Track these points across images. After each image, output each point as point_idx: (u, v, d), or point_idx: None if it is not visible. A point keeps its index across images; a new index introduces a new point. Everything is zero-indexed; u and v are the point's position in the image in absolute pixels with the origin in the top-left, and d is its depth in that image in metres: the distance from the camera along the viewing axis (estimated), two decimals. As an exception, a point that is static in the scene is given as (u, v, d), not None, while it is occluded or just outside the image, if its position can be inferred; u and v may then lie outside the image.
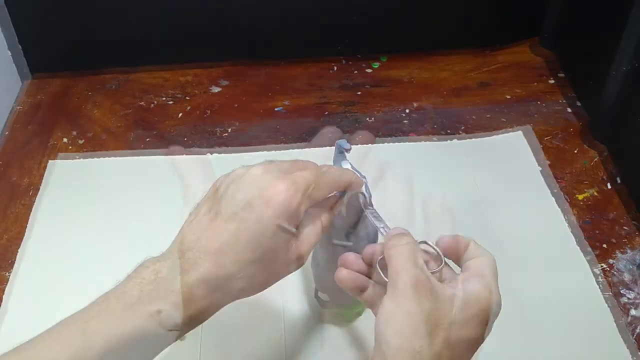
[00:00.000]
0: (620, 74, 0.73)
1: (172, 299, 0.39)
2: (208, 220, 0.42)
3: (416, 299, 0.38)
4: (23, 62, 0.90)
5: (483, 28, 0.94)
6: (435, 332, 0.38)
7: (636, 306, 0.62)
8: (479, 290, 0.41)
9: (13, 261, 0.67)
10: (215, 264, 0.40)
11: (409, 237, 0.42)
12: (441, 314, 0.39)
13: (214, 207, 0.42)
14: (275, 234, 0.41)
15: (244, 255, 0.41)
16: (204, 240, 0.41)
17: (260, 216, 0.40)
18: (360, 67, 0.93)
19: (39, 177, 0.77)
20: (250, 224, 0.40)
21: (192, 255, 0.41)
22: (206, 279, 0.40)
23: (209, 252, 0.40)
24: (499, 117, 0.85)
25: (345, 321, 0.61)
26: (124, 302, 0.40)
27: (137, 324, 0.39)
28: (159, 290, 0.40)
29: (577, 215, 0.72)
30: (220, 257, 0.40)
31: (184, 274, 0.40)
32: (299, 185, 0.42)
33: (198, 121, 0.85)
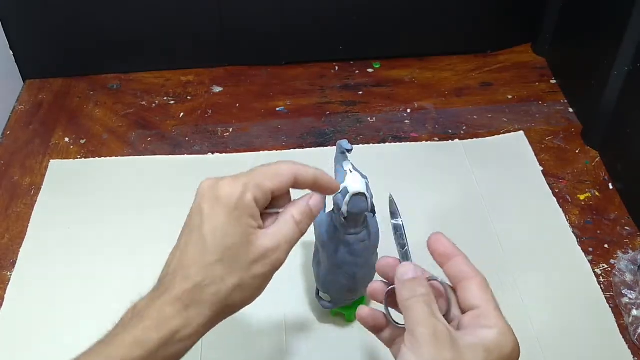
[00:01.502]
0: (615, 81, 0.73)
1: (144, 324, 0.40)
2: (176, 247, 0.43)
3: (438, 352, 0.38)
4: (25, 62, 0.90)
5: (483, 31, 0.94)
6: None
7: (637, 306, 0.61)
8: (497, 335, 0.40)
9: (15, 261, 0.68)
10: (183, 279, 0.41)
11: (424, 283, 0.41)
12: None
13: (182, 232, 0.44)
14: (229, 228, 0.41)
15: (204, 259, 0.41)
16: (173, 264, 0.42)
17: (209, 217, 0.41)
18: (362, 67, 0.93)
19: (40, 177, 0.77)
20: (202, 228, 0.41)
21: (166, 280, 0.42)
22: (177, 296, 0.40)
23: (177, 270, 0.41)
24: (501, 117, 0.85)
25: (346, 321, 0.61)
26: (106, 342, 0.41)
27: (119, 355, 0.40)
28: (135, 320, 0.41)
29: (578, 215, 0.72)
30: (186, 271, 0.41)
31: (157, 300, 0.41)
32: (241, 177, 0.42)
33: (199, 121, 0.85)
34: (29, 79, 0.92)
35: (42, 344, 0.60)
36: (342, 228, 0.52)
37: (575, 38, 0.86)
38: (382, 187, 0.55)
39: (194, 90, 0.90)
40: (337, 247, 0.53)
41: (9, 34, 0.87)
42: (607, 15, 0.76)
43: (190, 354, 0.59)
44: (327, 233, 0.54)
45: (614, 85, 0.74)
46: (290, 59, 0.94)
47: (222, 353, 0.60)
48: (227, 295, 0.41)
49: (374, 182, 0.52)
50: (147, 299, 0.42)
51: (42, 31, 0.87)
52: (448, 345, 0.38)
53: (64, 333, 0.61)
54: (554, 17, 0.89)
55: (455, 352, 0.38)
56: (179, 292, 0.40)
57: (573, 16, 0.85)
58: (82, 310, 0.63)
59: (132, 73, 0.92)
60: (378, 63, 0.94)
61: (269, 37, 0.91)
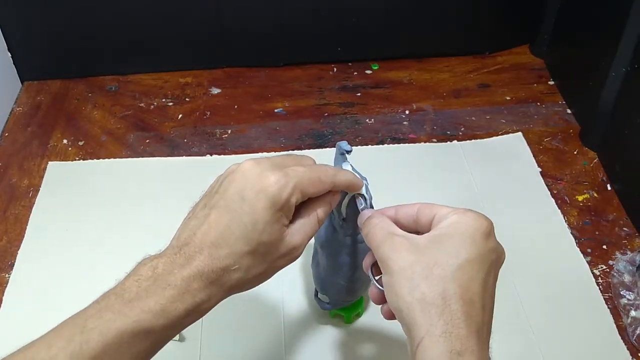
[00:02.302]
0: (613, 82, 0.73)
1: (169, 292, 0.40)
2: (203, 216, 0.43)
3: (400, 259, 0.41)
4: (23, 64, 0.90)
5: (481, 33, 0.94)
6: (430, 275, 0.39)
7: (636, 307, 0.61)
8: (451, 221, 0.42)
9: (13, 263, 0.67)
10: (210, 256, 0.41)
11: (377, 215, 0.45)
12: (427, 257, 0.40)
13: (208, 203, 0.43)
14: (269, 226, 0.41)
15: (238, 247, 0.41)
16: (199, 235, 0.42)
17: (253, 208, 0.41)
18: (360, 69, 0.93)
19: (38, 179, 0.77)
20: (243, 216, 0.41)
21: (188, 250, 0.41)
22: (202, 271, 0.40)
23: (204, 246, 0.41)
24: (499, 119, 0.85)
25: (345, 322, 0.61)
26: (122, 298, 0.40)
27: (135, 319, 0.39)
28: (156, 285, 0.40)
29: (576, 216, 0.72)
30: (215, 250, 0.41)
31: (180, 268, 0.40)
32: (290, 178, 0.42)
33: (198, 123, 0.85)
34: (27, 81, 0.92)
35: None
36: (341, 229, 0.52)
37: (573, 39, 0.86)
38: (381, 188, 0.55)
39: (192, 92, 0.90)
40: (336, 248, 0.53)
41: (7, 36, 0.86)
42: (604, 17, 0.76)
43: (189, 354, 0.59)
44: (326, 234, 0.54)
45: (611, 87, 0.74)
46: (289, 60, 0.94)
47: (221, 354, 0.60)
48: (247, 282, 0.42)
49: (372, 184, 0.52)
50: (167, 264, 0.41)
51: (40, 33, 0.87)
52: (408, 249, 0.41)
53: (62, 335, 0.61)
54: (551, 19, 0.89)
55: (416, 253, 0.41)
56: (206, 269, 0.41)
57: (571, 17, 0.85)
58: (80, 312, 0.63)
59: (130, 75, 0.92)
60: (376, 64, 0.94)
61: (267, 38, 0.91)
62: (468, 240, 0.41)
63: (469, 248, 0.41)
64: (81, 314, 0.40)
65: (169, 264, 0.41)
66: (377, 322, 0.61)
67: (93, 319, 0.39)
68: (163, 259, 0.42)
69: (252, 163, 0.43)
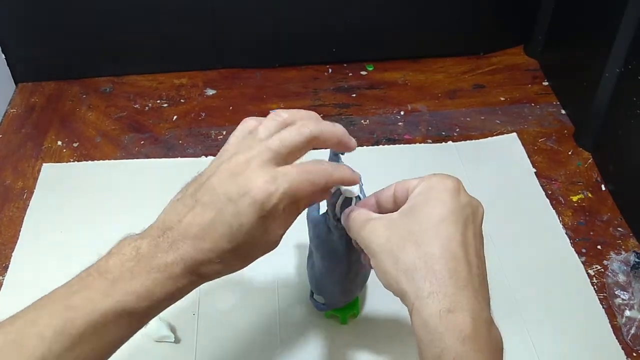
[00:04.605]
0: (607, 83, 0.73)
1: (153, 276, 0.40)
2: (190, 205, 0.42)
3: (378, 237, 0.42)
4: (17, 65, 0.90)
5: (476, 34, 0.94)
6: (407, 244, 0.40)
7: (630, 307, 0.62)
8: (420, 190, 0.43)
9: (7, 265, 0.67)
10: (194, 248, 0.41)
11: (354, 208, 0.46)
12: (402, 229, 0.41)
13: (196, 193, 0.43)
14: (254, 229, 0.41)
15: (221, 244, 0.41)
16: (184, 223, 0.41)
17: (238, 210, 0.40)
18: (355, 70, 0.93)
19: (32, 181, 0.77)
20: (228, 216, 0.40)
21: (171, 234, 0.41)
22: (185, 259, 0.41)
23: (188, 236, 0.41)
24: (493, 119, 0.85)
25: (341, 323, 0.61)
26: (106, 278, 0.40)
27: (119, 300, 0.39)
28: (140, 267, 0.40)
29: (571, 216, 0.72)
30: (199, 243, 0.41)
31: (164, 254, 0.41)
32: (279, 184, 0.40)
33: (193, 124, 0.85)
34: (21, 83, 0.91)
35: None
36: (336, 230, 0.52)
37: (567, 40, 0.86)
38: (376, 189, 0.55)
39: (187, 93, 0.90)
40: (331, 249, 0.53)
41: (1, 38, 0.86)
42: (598, 17, 0.76)
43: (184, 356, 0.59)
44: (321, 235, 0.54)
45: (605, 87, 0.74)
46: (284, 61, 0.94)
47: (216, 355, 0.60)
48: (225, 272, 0.43)
49: (367, 185, 0.52)
50: (151, 246, 0.41)
51: (34, 34, 0.87)
52: (386, 225, 0.42)
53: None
54: (546, 19, 0.90)
55: (391, 229, 0.42)
56: (188, 259, 0.41)
57: (565, 18, 0.86)
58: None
59: (124, 76, 0.92)
60: (371, 65, 0.94)
61: (262, 39, 0.91)
62: (437, 202, 0.41)
63: (439, 209, 0.41)
64: (63, 291, 0.41)
65: (153, 246, 0.41)
66: (372, 322, 0.61)
67: (77, 297, 0.40)
68: (146, 240, 0.42)
69: (245, 157, 0.42)
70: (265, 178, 0.40)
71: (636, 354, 0.59)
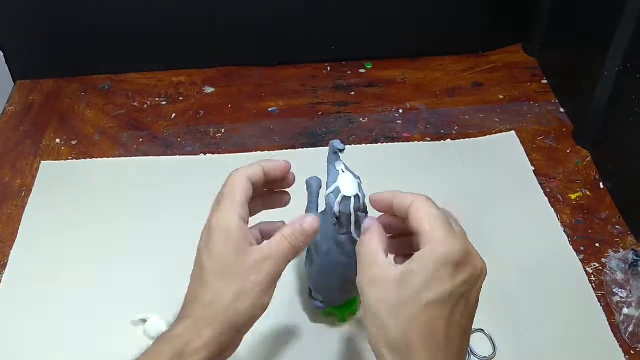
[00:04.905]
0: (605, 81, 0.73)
1: (160, 342, 0.45)
2: (191, 281, 0.47)
3: (373, 294, 0.42)
4: (15, 63, 0.89)
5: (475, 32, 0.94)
6: (395, 315, 0.41)
7: (628, 305, 0.62)
8: (423, 254, 0.41)
9: (5, 263, 0.67)
10: (191, 303, 0.46)
11: (370, 230, 0.46)
12: (395, 297, 0.41)
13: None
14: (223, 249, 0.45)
15: (205, 280, 0.45)
16: (187, 296, 0.47)
17: (206, 246, 0.46)
18: (354, 68, 0.93)
19: (31, 178, 0.76)
20: (204, 257, 0.46)
21: (180, 313, 0.46)
22: (187, 315, 0.45)
23: (187, 300, 0.46)
24: (492, 117, 0.85)
25: (339, 321, 0.61)
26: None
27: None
28: (152, 344, 0.45)
29: (569, 214, 0.72)
30: (192, 296, 0.46)
31: (171, 326, 0.46)
32: (217, 208, 0.47)
33: (191, 122, 0.85)
34: (19, 80, 0.91)
35: (34, 346, 0.60)
36: (334, 228, 0.52)
37: (566, 38, 0.86)
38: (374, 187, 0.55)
39: (186, 91, 0.90)
40: (329, 247, 0.53)
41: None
42: (597, 15, 0.76)
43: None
44: (320, 233, 0.54)
45: (604, 85, 0.74)
46: (282, 59, 0.93)
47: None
48: (229, 306, 0.44)
49: (366, 183, 0.52)
50: (163, 332, 0.46)
51: (32, 32, 0.87)
52: (383, 284, 0.42)
53: (55, 335, 0.61)
54: (544, 18, 0.90)
55: (389, 290, 0.41)
56: (189, 313, 0.45)
57: (564, 16, 0.86)
58: (73, 312, 0.63)
59: (123, 74, 0.92)
60: (370, 63, 0.94)
61: (261, 37, 0.91)
62: (433, 279, 0.40)
63: (432, 288, 0.40)
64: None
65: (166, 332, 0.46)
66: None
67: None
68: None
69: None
70: (213, 213, 0.48)
71: (634, 351, 0.60)
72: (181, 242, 0.69)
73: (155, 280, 0.65)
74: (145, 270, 0.66)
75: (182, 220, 0.71)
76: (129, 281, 0.65)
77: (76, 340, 0.61)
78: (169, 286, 0.64)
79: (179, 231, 0.70)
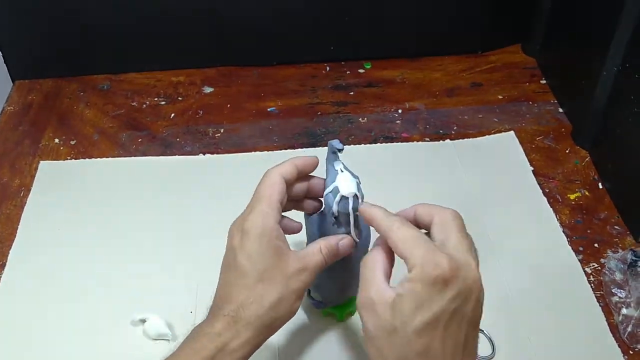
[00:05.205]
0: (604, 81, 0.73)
1: (200, 339, 0.46)
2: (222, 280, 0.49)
3: (368, 319, 0.43)
4: (14, 62, 0.89)
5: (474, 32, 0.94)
6: (391, 340, 0.41)
7: (627, 305, 0.62)
8: (412, 275, 0.41)
9: (4, 263, 0.67)
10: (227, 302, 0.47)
11: (376, 253, 0.45)
12: (389, 322, 0.41)
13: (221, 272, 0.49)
14: (262, 252, 0.46)
15: (244, 282, 0.46)
16: (218, 295, 0.48)
17: (240, 246, 0.47)
18: (353, 68, 0.93)
19: (30, 178, 0.76)
20: (238, 257, 0.47)
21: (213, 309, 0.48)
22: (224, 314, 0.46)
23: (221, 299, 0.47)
24: (491, 117, 0.85)
25: (337, 320, 0.61)
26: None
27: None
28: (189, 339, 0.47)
29: (568, 214, 0.72)
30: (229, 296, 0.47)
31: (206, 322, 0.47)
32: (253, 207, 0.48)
33: (190, 122, 0.85)
34: (18, 80, 0.91)
35: (33, 345, 0.60)
36: (333, 228, 0.52)
37: (565, 38, 0.86)
38: (373, 187, 0.55)
39: (185, 91, 0.90)
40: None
41: (-2, 35, 0.86)
42: (596, 16, 0.76)
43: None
44: (319, 233, 0.54)
45: (603, 86, 0.74)
46: (282, 59, 0.93)
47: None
48: (267, 311, 0.46)
49: (365, 183, 0.52)
50: (197, 327, 0.47)
51: (31, 32, 0.87)
52: (374, 310, 0.42)
53: (55, 334, 0.61)
54: (544, 18, 0.90)
55: (384, 315, 0.41)
56: (226, 311, 0.46)
57: (563, 16, 0.86)
58: (73, 311, 0.63)
59: (122, 73, 0.92)
60: (369, 63, 0.94)
61: (260, 37, 0.91)
62: (424, 301, 0.40)
63: (424, 311, 0.40)
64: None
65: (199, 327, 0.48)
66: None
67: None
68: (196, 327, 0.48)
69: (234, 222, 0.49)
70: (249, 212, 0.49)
71: (633, 351, 0.60)
72: (181, 241, 0.69)
73: (154, 280, 0.65)
74: (144, 270, 0.66)
75: (181, 220, 0.71)
76: (128, 281, 0.65)
77: (75, 340, 0.61)
78: (168, 286, 0.65)
79: (178, 231, 0.70)
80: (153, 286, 0.64)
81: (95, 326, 0.62)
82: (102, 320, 0.62)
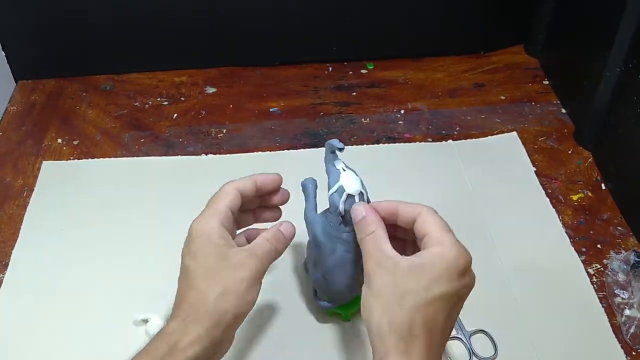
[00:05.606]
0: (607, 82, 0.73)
1: (152, 340, 0.48)
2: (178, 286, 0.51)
3: (380, 278, 0.45)
4: (17, 63, 0.89)
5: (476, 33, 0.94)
6: (401, 302, 0.44)
7: (630, 306, 0.62)
8: (434, 252, 0.45)
9: (7, 263, 0.67)
10: (180, 303, 0.49)
11: (372, 220, 0.48)
12: (403, 284, 0.44)
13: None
14: (205, 251, 0.49)
15: (190, 281, 0.49)
16: (176, 298, 0.50)
17: (188, 249, 0.50)
18: (355, 68, 0.93)
19: (33, 178, 0.77)
20: (186, 259, 0.50)
21: (171, 315, 0.50)
22: (176, 315, 0.48)
23: (176, 302, 0.50)
24: (494, 118, 0.85)
25: (343, 320, 0.61)
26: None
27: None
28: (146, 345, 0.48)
29: (571, 215, 0.72)
30: (180, 297, 0.49)
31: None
32: (203, 213, 0.51)
33: (193, 122, 0.85)
34: (21, 80, 0.91)
35: (36, 345, 0.60)
36: (339, 227, 0.52)
37: (567, 39, 0.86)
38: (376, 188, 0.55)
39: (188, 91, 0.90)
40: (334, 246, 0.53)
41: (1, 35, 0.86)
42: (598, 16, 0.76)
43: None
44: (323, 233, 0.54)
45: (606, 86, 0.74)
46: (284, 59, 0.94)
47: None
48: (214, 304, 0.47)
49: (367, 183, 0.52)
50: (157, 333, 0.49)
51: (34, 32, 0.87)
52: (391, 272, 0.45)
53: (57, 333, 0.61)
54: (546, 18, 0.90)
55: (395, 276, 0.45)
56: (178, 312, 0.48)
57: (565, 17, 0.86)
58: (75, 312, 0.63)
59: (125, 74, 0.92)
60: (372, 64, 0.94)
61: (263, 38, 0.91)
62: (443, 277, 0.44)
63: (442, 285, 0.44)
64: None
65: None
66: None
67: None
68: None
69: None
70: (197, 219, 0.52)
71: (635, 352, 0.60)
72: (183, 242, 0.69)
73: (157, 280, 0.65)
74: (147, 271, 0.66)
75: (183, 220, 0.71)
76: (131, 281, 0.65)
77: (78, 340, 0.61)
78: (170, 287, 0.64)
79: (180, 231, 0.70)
80: (155, 286, 0.64)
81: (97, 326, 0.62)
82: (104, 320, 0.62)
